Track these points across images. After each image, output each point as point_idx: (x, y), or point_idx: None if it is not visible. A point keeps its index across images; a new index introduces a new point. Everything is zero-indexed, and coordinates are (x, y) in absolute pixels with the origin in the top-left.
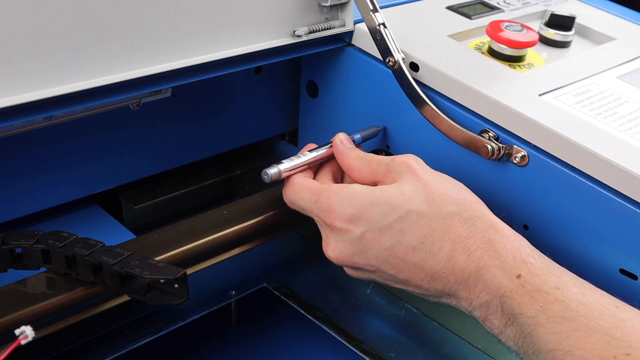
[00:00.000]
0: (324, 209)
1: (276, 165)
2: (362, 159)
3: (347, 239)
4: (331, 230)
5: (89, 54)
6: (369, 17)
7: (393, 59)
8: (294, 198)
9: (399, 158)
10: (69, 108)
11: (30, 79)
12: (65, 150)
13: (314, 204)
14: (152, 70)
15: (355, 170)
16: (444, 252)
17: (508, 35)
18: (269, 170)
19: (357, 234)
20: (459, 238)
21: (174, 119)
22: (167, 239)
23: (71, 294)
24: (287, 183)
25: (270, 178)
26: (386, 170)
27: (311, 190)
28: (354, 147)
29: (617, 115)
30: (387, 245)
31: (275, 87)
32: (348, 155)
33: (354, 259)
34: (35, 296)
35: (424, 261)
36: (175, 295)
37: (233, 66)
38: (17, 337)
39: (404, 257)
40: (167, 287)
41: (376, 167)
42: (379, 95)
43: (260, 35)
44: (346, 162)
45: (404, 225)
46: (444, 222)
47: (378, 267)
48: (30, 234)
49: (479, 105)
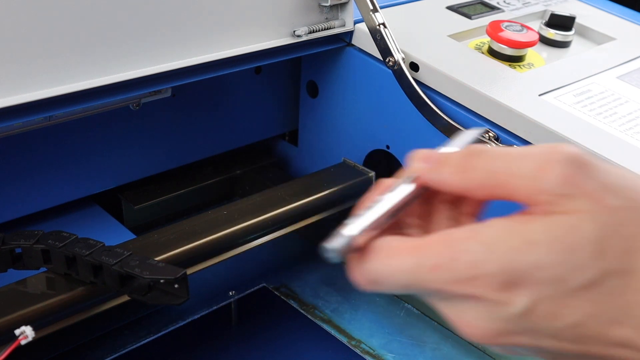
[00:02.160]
0: (455, 277)
1: (343, 230)
2: (489, 171)
3: (502, 315)
4: (467, 301)
5: (89, 54)
6: (369, 17)
7: (393, 59)
8: (390, 271)
9: (560, 162)
10: (69, 108)
11: (30, 79)
12: (65, 150)
13: (429, 272)
14: (151, 70)
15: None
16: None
17: (508, 35)
18: (333, 243)
19: (518, 307)
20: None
21: (173, 119)
22: (167, 239)
23: (71, 294)
24: (369, 255)
25: (339, 254)
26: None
27: (418, 250)
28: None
29: (617, 115)
30: (574, 321)
31: (275, 87)
32: (452, 167)
33: (513, 339)
34: (35, 296)
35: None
36: (175, 295)
37: (233, 66)
38: (17, 337)
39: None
40: (167, 287)
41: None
42: (379, 95)
43: (260, 35)
44: (458, 180)
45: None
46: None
47: (557, 348)
48: (30, 234)
49: (479, 105)
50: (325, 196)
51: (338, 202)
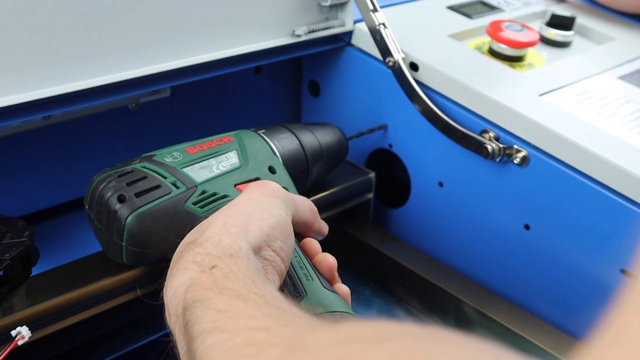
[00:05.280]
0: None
1: None
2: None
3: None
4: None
5: (88, 53)
6: (369, 17)
7: (393, 59)
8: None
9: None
10: (68, 108)
11: (29, 79)
12: (64, 149)
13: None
14: (151, 70)
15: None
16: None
17: (508, 35)
18: None
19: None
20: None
21: (173, 119)
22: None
23: (70, 294)
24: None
25: None
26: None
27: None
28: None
29: (617, 115)
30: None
31: (275, 87)
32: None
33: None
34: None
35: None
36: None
37: (232, 66)
38: (14, 338)
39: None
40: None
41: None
42: (379, 95)
43: (260, 35)
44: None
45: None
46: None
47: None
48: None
49: (479, 105)
50: (325, 197)
51: (338, 202)
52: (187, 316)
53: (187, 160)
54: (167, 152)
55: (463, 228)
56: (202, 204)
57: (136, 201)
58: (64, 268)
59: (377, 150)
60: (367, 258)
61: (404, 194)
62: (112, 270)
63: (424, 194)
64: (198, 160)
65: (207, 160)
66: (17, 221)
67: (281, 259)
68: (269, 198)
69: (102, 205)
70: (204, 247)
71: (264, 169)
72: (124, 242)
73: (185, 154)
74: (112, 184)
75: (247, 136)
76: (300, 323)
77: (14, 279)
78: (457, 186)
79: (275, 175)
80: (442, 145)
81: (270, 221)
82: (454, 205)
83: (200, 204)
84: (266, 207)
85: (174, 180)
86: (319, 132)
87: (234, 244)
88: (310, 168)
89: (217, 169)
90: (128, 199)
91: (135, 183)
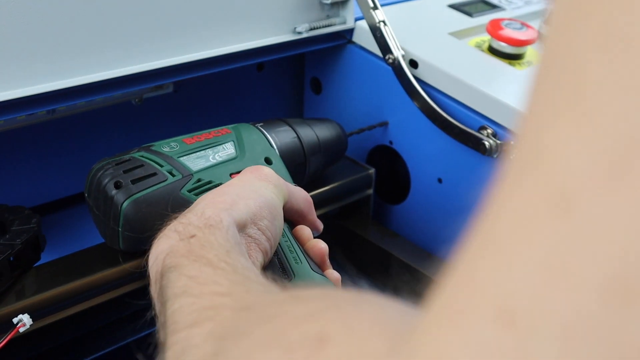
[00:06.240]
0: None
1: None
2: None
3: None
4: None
5: (92, 48)
6: (370, 15)
7: (392, 56)
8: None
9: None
10: (71, 102)
11: (33, 73)
12: (68, 144)
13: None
14: (153, 65)
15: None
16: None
17: (508, 33)
18: None
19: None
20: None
21: (175, 115)
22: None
23: (69, 286)
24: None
25: None
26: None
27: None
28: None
29: None
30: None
31: (277, 83)
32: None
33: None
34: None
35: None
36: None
37: (234, 62)
38: (15, 325)
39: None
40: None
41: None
42: (380, 92)
43: (262, 32)
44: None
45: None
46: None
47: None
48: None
49: (478, 102)
50: (325, 192)
51: (338, 197)
52: (163, 281)
53: (183, 150)
54: (165, 142)
55: (462, 224)
56: (197, 192)
57: (132, 187)
58: (68, 258)
59: (378, 147)
60: (367, 254)
61: (404, 190)
62: (115, 261)
63: (423, 190)
64: (195, 150)
65: (204, 151)
66: (23, 209)
67: (266, 238)
68: (261, 181)
69: (100, 191)
70: (186, 218)
71: (260, 159)
72: (120, 227)
73: (182, 144)
74: (110, 171)
75: (245, 128)
76: (262, 290)
77: (25, 264)
78: (456, 182)
79: (271, 167)
80: (441, 142)
81: (258, 201)
82: (453, 201)
83: (196, 192)
84: (257, 188)
85: (170, 168)
86: (318, 126)
87: (216, 216)
88: (307, 161)
89: (213, 159)
90: (124, 185)
91: (132, 170)
